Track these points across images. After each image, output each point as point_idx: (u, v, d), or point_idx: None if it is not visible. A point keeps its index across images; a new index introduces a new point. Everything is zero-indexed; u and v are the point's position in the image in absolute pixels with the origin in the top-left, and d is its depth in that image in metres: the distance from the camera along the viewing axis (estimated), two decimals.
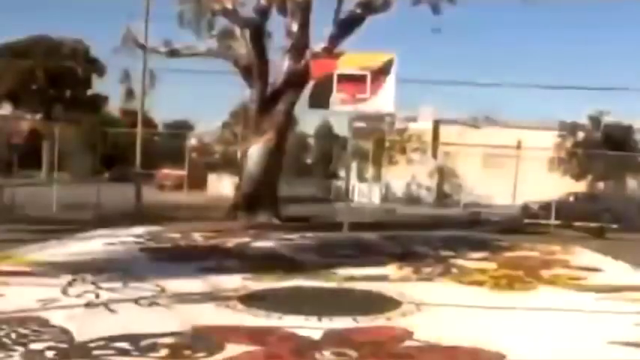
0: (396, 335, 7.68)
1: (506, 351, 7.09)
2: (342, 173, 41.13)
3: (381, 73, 19.70)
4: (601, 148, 34.05)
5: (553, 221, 24.71)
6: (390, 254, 14.87)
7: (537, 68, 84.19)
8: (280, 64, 23.25)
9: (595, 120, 39.76)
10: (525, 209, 28.72)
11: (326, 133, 55.21)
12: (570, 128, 39.38)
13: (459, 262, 14.02)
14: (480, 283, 11.55)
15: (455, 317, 8.98)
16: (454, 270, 12.95)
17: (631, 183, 36.12)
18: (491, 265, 13.75)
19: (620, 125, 39.14)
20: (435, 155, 42.08)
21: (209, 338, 7.15)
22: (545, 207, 26.21)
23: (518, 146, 36.12)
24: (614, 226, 24.56)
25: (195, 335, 7.28)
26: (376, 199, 36.25)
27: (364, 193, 35.89)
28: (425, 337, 7.56)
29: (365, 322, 8.33)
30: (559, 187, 31.23)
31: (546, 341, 7.80)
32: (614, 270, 14.34)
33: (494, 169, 38.27)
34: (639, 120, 40.31)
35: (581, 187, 35.53)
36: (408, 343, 7.42)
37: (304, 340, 7.27)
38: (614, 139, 36.88)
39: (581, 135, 38.96)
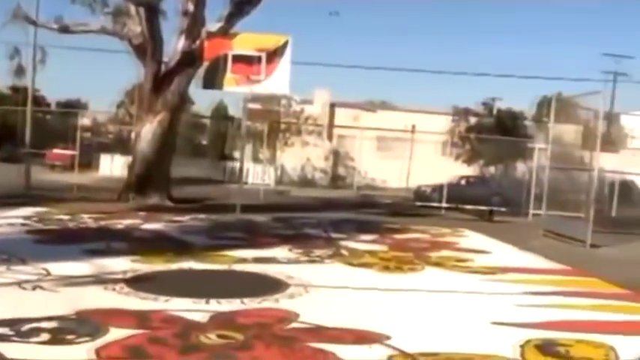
0: (282, 317, 7.65)
1: (391, 332, 7.15)
2: (236, 155, 40.84)
3: (276, 54, 19.62)
4: (493, 134, 34.74)
5: (444, 204, 25.18)
6: (281, 236, 14.87)
7: (432, 54, 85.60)
8: (175, 44, 22.90)
9: (488, 106, 40.60)
10: (418, 192, 29.18)
11: (221, 114, 54.84)
12: (463, 113, 40.09)
13: (350, 244, 14.12)
14: (369, 265, 11.65)
15: (342, 299, 9.02)
16: (344, 252, 13.03)
17: (520, 167, 36.93)
18: (381, 248, 13.90)
19: (511, 111, 40.06)
20: (330, 138, 42.28)
21: (92, 322, 6.98)
22: (437, 190, 26.70)
23: (413, 130, 36.60)
24: (503, 209, 25.19)
25: (79, 319, 7.10)
26: (271, 181, 36.19)
27: (259, 175, 35.78)
28: (311, 319, 7.56)
29: (252, 304, 8.27)
30: (451, 170, 31.80)
31: (430, 322, 7.93)
32: (500, 252, 14.73)
33: (389, 153, 38.70)
34: (529, 106, 41.45)
35: (472, 171, 36.32)
36: (294, 325, 7.41)
37: (190, 323, 7.18)
38: (506, 124, 37.75)
39: (473, 120, 39.70)
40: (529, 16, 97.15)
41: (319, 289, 9.45)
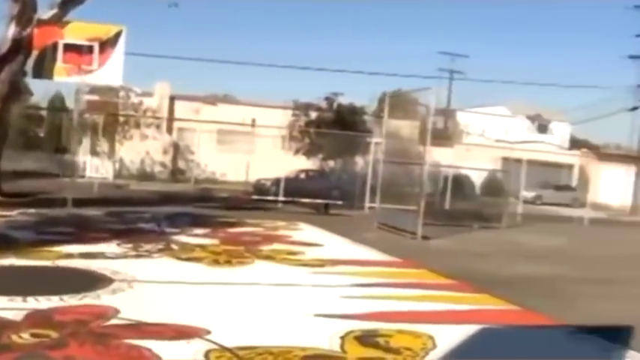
0: (100, 313, 7.38)
1: (212, 326, 7.07)
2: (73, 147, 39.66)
3: (109, 45, 19.12)
4: (332, 128, 35.13)
5: (282, 198, 25.29)
6: (111, 231, 14.43)
7: (275, 48, 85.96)
8: (5, 31, 21.93)
9: (329, 100, 41.01)
10: (257, 186, 29.19)
11: (57, 105, 53.09)
12: (304, 108, 40.36)
13: (182, 238, 13.86)
14: (198, 260, 11.44)
15: (166, 294, 8.78)
16: (174, 246, 12.76)
17: (360, 161, 37.55)
18: (213, 242, 13.69)
19: (351, 106, 40.63)
20: (169, 131, 41.70)
21: None
22: (276, 184, 26.79)
23: (253, 124, 36.61)
24: (340, 202, 25.53)
25: None
26: (109, 175, 35.38)
27: (97, 169, 34.92)
28: (132, 314, 7.33)
29: (73, 300, 7.97)
30: (292, 164, 31.99)
31: (253, 316, 7.84)
32: (332, 245, 14.85)
33: (229, 146, 38.52)
34: (370, 102, 42.24)
35: (312, 165, 36.66)
36: (113, 321, 7.17)
37: (2, 322, 6.85)
38: (345, 119, 38.26)
39: (314, 115, 40.03)
40: (375, 12, 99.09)
41: (144, 284, 9.20)
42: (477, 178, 37.65)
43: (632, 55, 49.58)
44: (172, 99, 42.31)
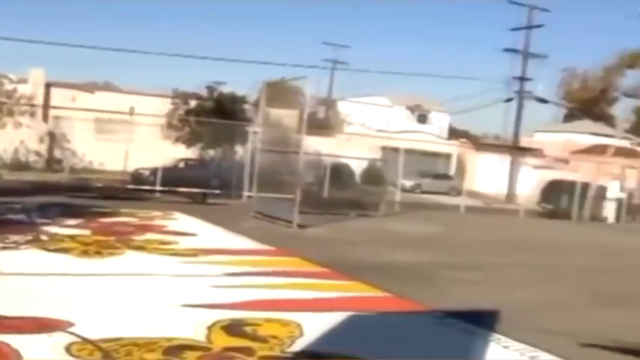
0: None
1: (76, 319, 6.89)
2: None
3: None
4: (213, 117, 34.85)
5: (160, 187, 24.96)
6: None
7: (156, 35, 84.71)
8: None
9: (210, 89, 40.66)
10: (136, 175, 28.74)
11: None
12: (183, 97, 39.91)
13: (52, 229, 13.42)
14: (67, 251, 11.12)
15: (30, 286, 8.46)
16: (44, 237, 12.35)
17: (240, 150, 37.43)
18: (84, 232, 13.31)
19: (232, 95, 40.40)
20: (45, 119, 40.57)
21: None
22: (155, 173, 26.42)
23: (131, 112, 35.99)
24: (218, 191, 25.39)
25: None
26: None
27: None
28: None
29: None
30: (172, 153, 31.63)
31: (119, 307, 7.69)
32: (207, 234, 14.73)
33: (107, 135, 37.77)
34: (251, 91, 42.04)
35: (192, 154, 36.33)
36: None
37: None
38: (226, 108, 38.02)
39: (193, 103, 39.63)
40: (262, 1, 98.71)
41: (8, 276, 8.90)
42: (357, 168, 38.04)
43: (507, 48, 50.95)
44: (48, 86, 41.14)
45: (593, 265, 15.36)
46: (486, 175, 49.92)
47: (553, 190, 37.82)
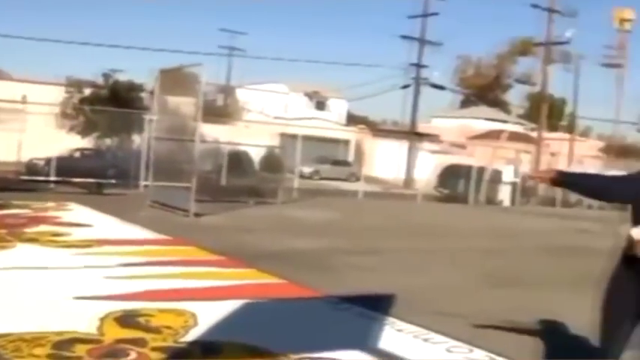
0: None
1: None
2: None
3: None
4: (108, 105, 34.22)
5: (54, 178, 24.41)
6: None
7: (49, 21, 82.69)
8: None
9: (106, 77, 39.91)
10: (29, 166, 28.02)
11: None
12: (78, 84, 39.07)
13: None
14: None
15: None
16: None
17: (137, 139, 36.91)
18: None
19: (129, 83, 39.76)
20: None
21: None
22: (49, 163, 25.82)
23: (24, 101, 35.00)
24: (115, 181, 24.98)
25: None
26: None
27: None
28: None
29: None
30: (66, 143, 30.91)
31: (9, 301, 7.47)
32: (102, 225, 14.46)
33: None
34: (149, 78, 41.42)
35: (88, 143, 35.60)
36: None
37: None
38: (121, 96, 37.39)
39: (88, 92, 38.83)
40: None
41: None
42: (256, 155, 37.95)
43: (404, 35, 51.55)
44: None
45: (488, 248, 15.74)
46: (385, 160, 50.47)
47: (450, 175, 38.54)
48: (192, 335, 6.60)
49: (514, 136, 50.07)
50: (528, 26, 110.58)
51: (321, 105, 58.78)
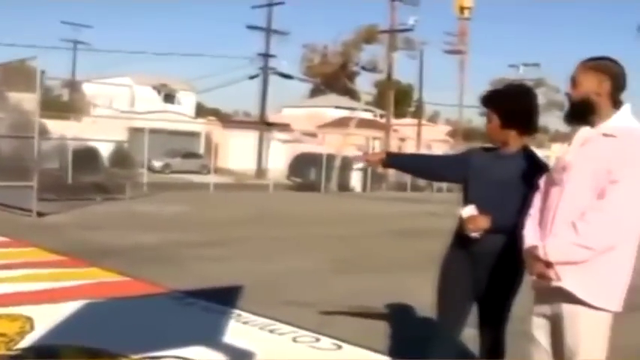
0: None
1: None
2: None
3: None
4: None
5: None
6: None
7: None
8: None
9: None
10: None
11: None
12: None
13: None
14: None
15: None
16: None
17: None
18: None
19: None
20: None
21: None
22: None
23: None
24: None
25: None
26: None
27: None
28: None
29: None
30: None
31: None
32: None
33: None
34: None
35: None
36: None
37: None
38: None
39: None
40: None
41: None
42: (105, 150, 37.02)
43: (250, 25, 51.33)
44: None
45: (339, 234, 15.85)
46: (237, 152, 50.23)
47: (301, 164, 38.77)
48: (27, 341, 6.26)
49: (363, 123, 50.80)
50: (373, 14, 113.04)
51: (169, 98, 57.81)
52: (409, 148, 56.84)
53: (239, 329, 7.05)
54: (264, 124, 52.07)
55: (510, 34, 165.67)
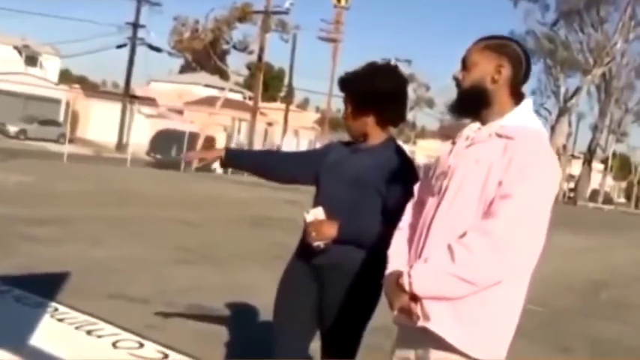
0: None
1: None
2: None
3: None
4: None
5: None
6: None
7: None
8: None
9: None
10: None
11: None
12: None
13: None
14: None
15: None
16: None
17: None
18: None
19: None
20: None
21: None
22: None
23: None
24: None
25: None
26: None
27: None
28: None
29: None
30: None
31: None
32: None
33: None
34: None
35: None
36: None
37: None
38: None
39: None
40: None
41: None
42: None
43: None
44: None
45: (187, 218, 14.89)
46: (98, 123, 48.47)
47: (163, 140, 37.69)
48: None
49: (231, 104, 49.92)
50: None
51: (32, 60, 55.18)
52: (277, 133, 56.27)
53: (52, 327, 6.10)
54: (128, 97, 50.34)
55: (385, 27, 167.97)
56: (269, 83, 74.66)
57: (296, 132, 56.18)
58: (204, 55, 44.34)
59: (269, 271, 5.97)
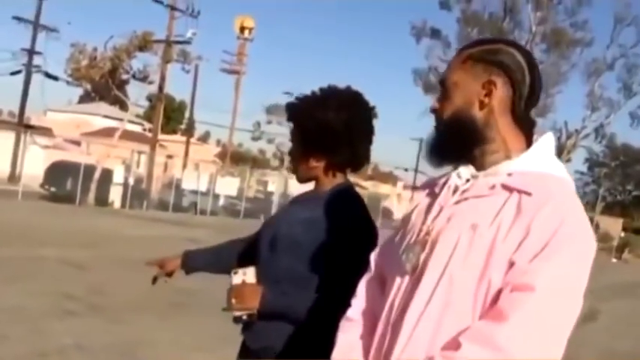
0: None
1: None
2: None
3: None
4: None
5: None
6: None
7: None
8: None
9: None
10: None
11: None
12: None
13: None
14: None
15: None
16: None
17: None
18: None
19: None
20: None
21: None
22: None
23: None
24: None
25: None
26: None
27: None
28: None
29: None
30: None
31: None
32: None
33: None
34: None
35: None
36: None
37: None
38: None
39: None
40: None
41: None
42: None
43: (16, 16, 47.29)
44: None
45: (76, 260, 13.48)
46: None
47: (57, 172, 36.10)
48: None
49: (130, 135, 48.44)
50: (150, 21, 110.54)
51: None
52: (177, 166, 54.92)
53: None
54: (22, 126, 48.24)
55: (290, 59, 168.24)
56: (170, 115, 73.37)
57: (197, 165, 54.86)
58: (103, 84, 42.78)
59: (165, 323, 4.93)
